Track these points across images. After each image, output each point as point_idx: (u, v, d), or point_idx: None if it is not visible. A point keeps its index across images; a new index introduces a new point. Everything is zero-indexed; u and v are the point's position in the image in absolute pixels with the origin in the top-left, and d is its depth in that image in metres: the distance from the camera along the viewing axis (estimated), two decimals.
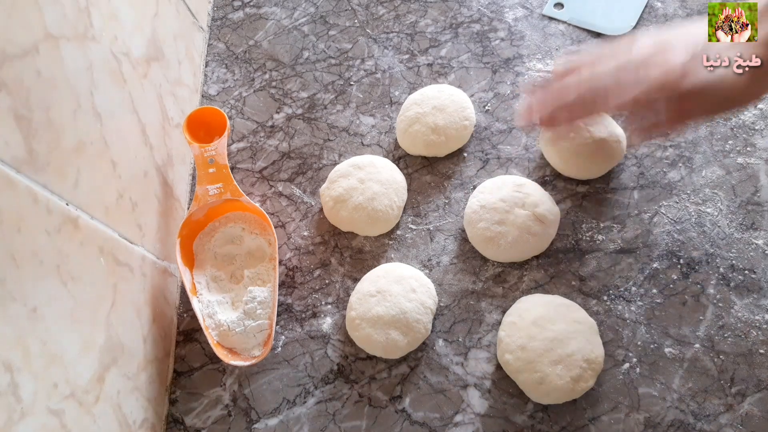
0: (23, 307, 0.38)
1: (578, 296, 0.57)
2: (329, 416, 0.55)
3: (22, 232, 0.38)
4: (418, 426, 0.54)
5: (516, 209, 0.58)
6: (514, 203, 0.58)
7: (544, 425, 0.52)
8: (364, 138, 0.68)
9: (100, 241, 0.48)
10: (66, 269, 0.43)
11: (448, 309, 0.58)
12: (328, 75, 0.73)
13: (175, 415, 0.56)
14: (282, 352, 0.58)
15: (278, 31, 0.77)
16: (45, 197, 0.41)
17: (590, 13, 0.72)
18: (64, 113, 0.45)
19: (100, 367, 0.46)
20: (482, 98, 0.69)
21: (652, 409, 0.52)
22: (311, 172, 0.67)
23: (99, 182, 0.49)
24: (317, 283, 0.61)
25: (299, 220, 0.65)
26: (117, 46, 0.55)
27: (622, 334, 0.55)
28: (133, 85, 0.57)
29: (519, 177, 0.61)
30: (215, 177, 0.61)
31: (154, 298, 0.57)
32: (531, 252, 0.59)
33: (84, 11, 0.49)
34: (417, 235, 0.62)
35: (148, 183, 0.58)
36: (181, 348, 0.59)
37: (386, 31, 0.75)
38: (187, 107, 0.70)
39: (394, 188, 0.62)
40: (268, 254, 0.61)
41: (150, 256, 0.57)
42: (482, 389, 0.54)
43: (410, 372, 0.56)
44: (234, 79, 0.74)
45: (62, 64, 0.45)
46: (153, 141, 0.60)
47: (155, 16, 0.64)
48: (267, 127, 0.70)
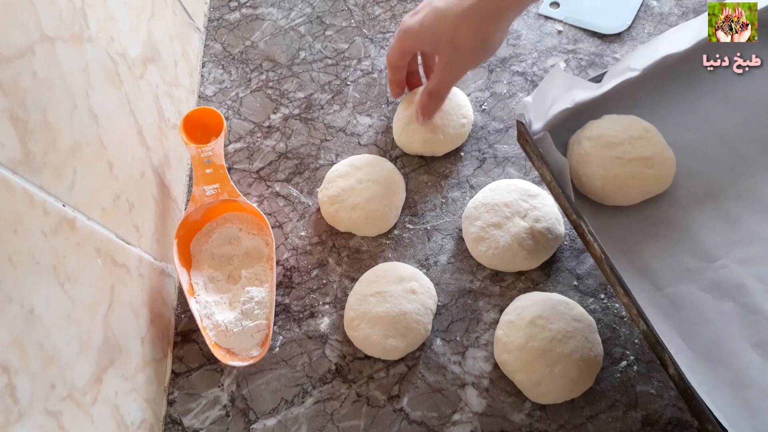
0: (20, 309, 0.38)
1: (575, 294, 0.57)
2: (327, 416, 0.55)
3: (18, 233, 0.38)
4: (417, 425, 0.54)
5: (516, 218, 0.57)
6: (516, 211, 0.57)
7: (542, 424, 0.52)
8: (361, 138, 0.68)
9: (97, 242, 0.48)
10: (63, 270, 0.43)
11: (445, 308, 0.58)
12: (325, 75, 0.73)
13: (173, 415, 0.56)
14: (280, 353, 0.58)
15: (275, 32, 0.77)
16: (41, 198, 0.41)
17: (586, 12, 0.72)
18: (61, 114, 0.45)
19: (98, 368, 0.46)
20: (479, 98, 0.69)
21: (650, 407, 0.52)
22: (308, 172, 0.67)
23: (96, 183, 0.49)
24: (315, 283, 0.61)
25: (296, 221, 0.65)
26: (113, 47, 0.55)
27: (620, 332, 0.55)
28: (129, 86, 0.57)
29: (534, 187, 0.60)
30: (212, 177, 0.61)
31: (152, 299, 0.57)
32: (517, 266, 0.57)
33: (80, 12, 0.49)
34: (414, 235, 0.62)
35: (145, 184, 0.58)
36: (178, 349, 0.59)
37: (383, 31, 0.75)
38: (184, 108, 0.70)
39: (392, 188, 0.62)
40: (265, 254, 0.61)
41: (147, 257, 0.57)
42: (480, 388, 0.55)
43: (408, 371, 0.56)
44: (231, 79, 0.74)
45: (58, 65, 0.45)
46: (150, 142, 0.60)
47: (151, 16, 0.64)
48: (264, 127, 0.70)
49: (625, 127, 0.50)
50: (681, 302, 0.46)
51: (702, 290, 0.47)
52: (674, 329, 0.45)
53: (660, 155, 0.50)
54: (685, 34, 0.52)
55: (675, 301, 0.46)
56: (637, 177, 0.49)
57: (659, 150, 0.50)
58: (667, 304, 0.46)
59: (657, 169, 0.49)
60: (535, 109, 0.48)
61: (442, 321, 0.58)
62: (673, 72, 0.53)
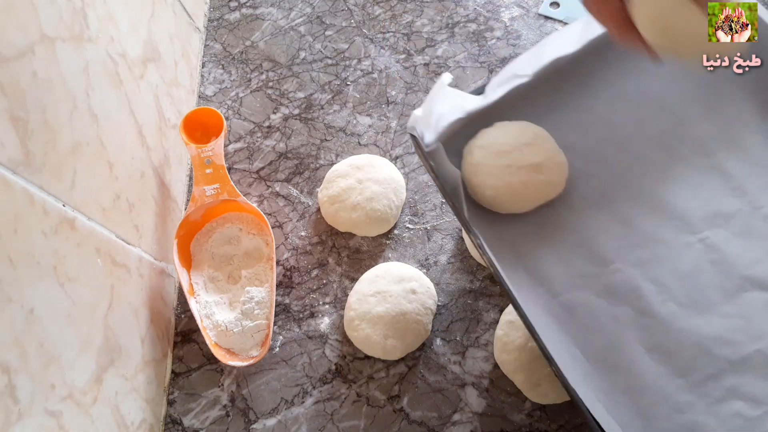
0: (20, 309, 0.38)
1: None
2: (327, 416, 0.55)
3: (18, 233, 0.38)
4: (417, 425, 0.54)
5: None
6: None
7: (542, 424, 0.52)
8: (361, 138, 0.68)
9: (97, 243, 0.48)
10: (63, 270, 0.43)
11: (445, 308, 0.58)
12: (325, 75, 0.73)
13: (173, 415, 0.56)
14: (280, 353, 0.58)
15: (275, 32, 0.77)
16: (41, 198, 0.41)
17: (586, 12, 0.72)
18: (61, 114, 0.45)
19: (98, 368, 0.46)
20: None
21: None
22: (308, 172, 0.67)
23: (96, 183, 0.49)
24: (315, 283, 0.61)
25: (296, 221, 0.65)
26: (113, 47, 0.55)
27: None
28: (129, 86, 0.57)
29: None
30: (212, 177, 0.61)
31: (152, 299, 0.57)
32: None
33: (80, 12, 0.49)
34: (414, 235, 0.62)
35: (145, 184, 0.58)
36: (179, 349, 0.59)
37: (383, 30, 0.75)
38: (184, 108, 0.70)
39: (393, 188, 0.62)
40: (265, 254, 0.61)
41: (147, 257, 0.57)
42: (480, 388, 0.55)
43: (408, 371, 0.56)
44: (231, 79, 0.74)
45: (58, 65, 0.45)
46: (150, 142, 0.60)
47: (151, 17, 0.64)
48: (264, 127, 0.71)
49: (515, 134, 0.49)
50: (576, 309, 0.46)
51: (596, 296, 0.46)
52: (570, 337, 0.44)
53: (550, 160, 0.49)
54: (570, 36, 0.51)
55: (570, 308, 0.46)
56: (528, 184, 0.48)
57: (550, 155, 0.49)
58: (563, 312, 0.45)
59: (548, 174, 0.48)
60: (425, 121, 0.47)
61: (442, 321, 0.58)
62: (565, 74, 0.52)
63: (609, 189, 0.50)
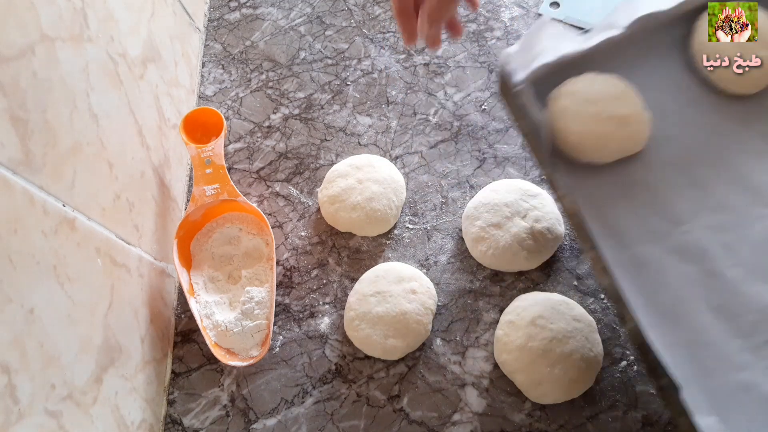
0: (20, 309, 0.38)
1: (576, 294, 0.57)
2: (327, 416, 0.55)
3: (18, 233, 0.38)
4: (416, 425, 0.54)
5: (516, 218, 0.57)
6: (516, 211, 0.58)
7: (542, 424, 0.52)
8: (361, 138, 0.68)
9: (96, 242, 0.48)
10: (63, 270, 0.43)
11: (445, 308, 0.58)
12: (325, 75, 0.73)
13: (173, 415, 0.56)
14: (280, 353, 0.58)
15: (275, 32, 0.77)
16: (41, 198, 0.41)
17: (586, 12, 0.72)
18: (61, 114, 0.45)
19: (98, 368, 0.46)
20: (479, 97, 0.69)
21: (650, 407, 0.52)
22: (308, 172, 0.67)
23: (96, 183, 0.49)
24: (315, 283, 0.61)
25: (296, 221, 0.65)
26: (113, 47, 0.55)
27: (620, 332, 0.55)
28: (129, 86, 0.57)
29: (534, 187, 0.60)
30: (212, 177, 0.61)
31: (152, 299, 0.57)
32: (517, 266, 0.57)
33: (80, 12, 0.49)
34: (414, 235, 0.62)
35: (145, 184, 0.58)
36: (179, 349, 0.59)
37: (382, 30, 0.75)
38: (184, 108, 0.70)
39: (393, 188, 0.62)
40: (265, 254, 0.61)
41: (147, 257, 0.57)
42: (480, 388, 0.55)
43: (408, 371, 0.56)
44: (231, 79, 0.74)
45: (58, 65, 0.45)
46: (150, 142, 0.60)
47: (151, 17, 0.64)
48: (264, 127, 0.70)
49: (604, 86, 0.51)
50: (645, 262, 0.47)
51: (666, 252, 0.47)
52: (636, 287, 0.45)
53: (636, 115, 0.50)
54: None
55: (639, 261, 0.47)
56: (612, 134, 0.49)
57: (636, 110, 0.50)
58: (631, 264, 0.46)
59: (632, 128, 0.50)
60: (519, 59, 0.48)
61: (442, 321, 0.58)
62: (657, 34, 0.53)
63: (687, 153, 0.51)
